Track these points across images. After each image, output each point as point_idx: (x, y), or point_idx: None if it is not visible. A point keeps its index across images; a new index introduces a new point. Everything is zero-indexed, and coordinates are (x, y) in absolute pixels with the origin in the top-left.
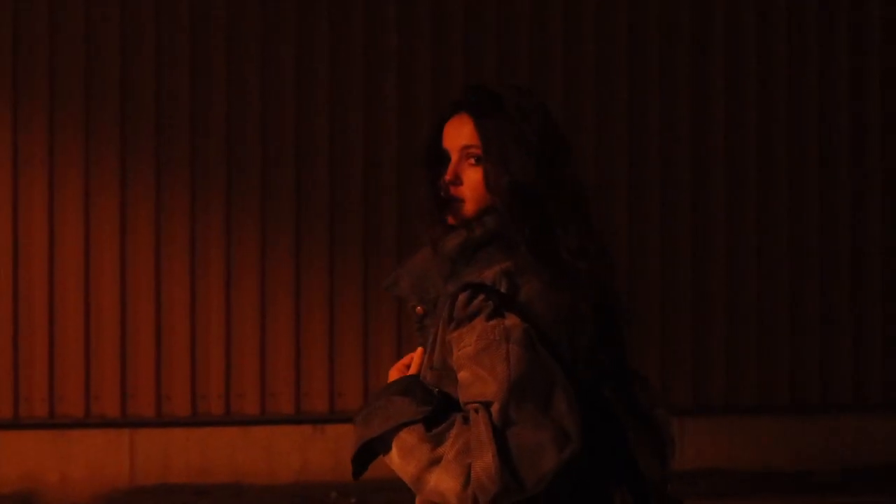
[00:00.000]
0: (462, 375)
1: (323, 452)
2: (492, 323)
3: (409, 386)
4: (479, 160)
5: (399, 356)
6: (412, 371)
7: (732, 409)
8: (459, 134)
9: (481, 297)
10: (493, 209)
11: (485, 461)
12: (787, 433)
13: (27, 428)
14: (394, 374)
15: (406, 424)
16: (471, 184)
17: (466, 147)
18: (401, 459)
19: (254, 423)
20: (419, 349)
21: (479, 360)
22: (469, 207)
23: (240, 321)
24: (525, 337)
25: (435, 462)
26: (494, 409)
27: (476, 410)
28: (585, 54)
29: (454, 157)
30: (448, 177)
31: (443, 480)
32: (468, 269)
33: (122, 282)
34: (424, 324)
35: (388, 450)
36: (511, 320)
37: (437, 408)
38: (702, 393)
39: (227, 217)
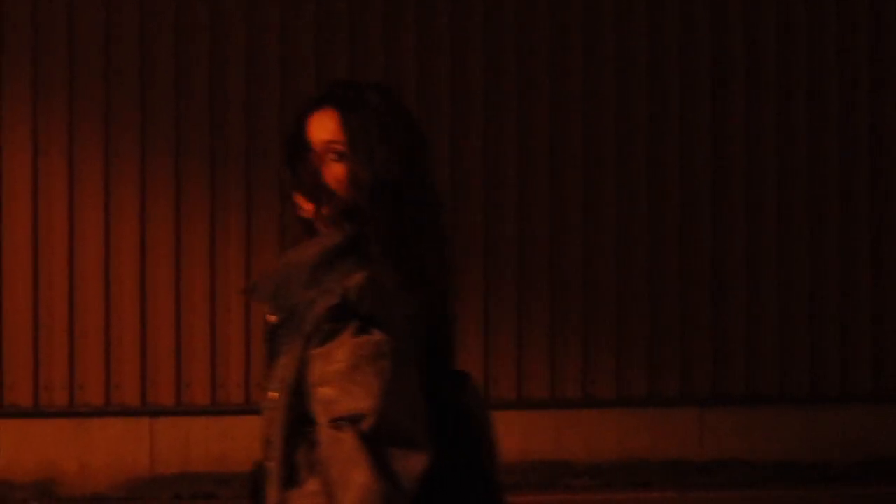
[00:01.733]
0: (326, 391)
1: None
2: (362, 339)
3: None
4: (341, 156)
5: None
6: None
7: (752, 399)
8: (323, 128)
9: (346, 311)
10: (353, 209)
11: (360, 480)
12: (807, 424)
13: (47, 416)
14: None
15: None
16: (331, 179)
17: (330, 142)
18: None
19: None
20: None
21: (350, 377)
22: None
23: (259, 310)
24: (393, 351)
25: None
26: (368, 422)
27: (340, 428)
28: (607, 44)
29: (319, 151)
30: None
31: None
32: (329, 277)
33: (141, 270)
34: (278, 334)
35: None
36: (377, 335)
37: None
38: (721, 384)
39: (246, 205)
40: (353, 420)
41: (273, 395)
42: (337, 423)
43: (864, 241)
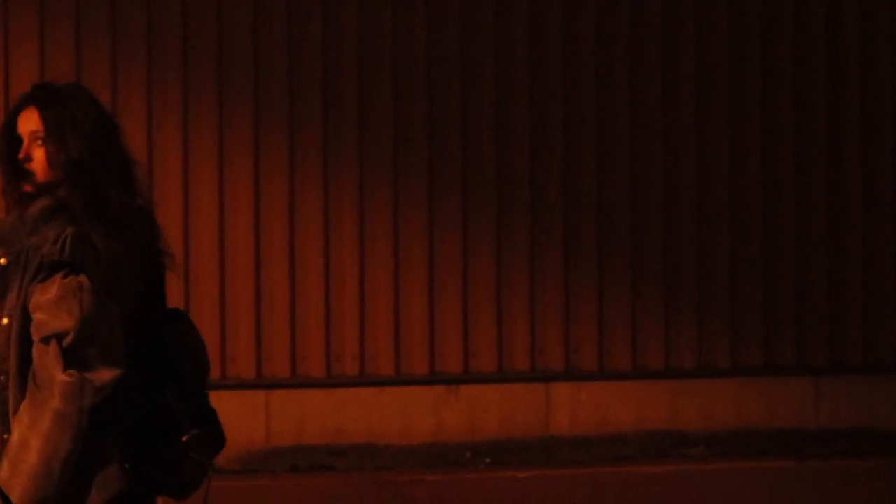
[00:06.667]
0: (40, 316)
1: (457, 413)
2: (69, 279)
3: None
4: (44, 141)
5: (532, 314)
6: None
7: (870, 368)
8: (29, 121)
9: (59, 258)
10: (61, 181)
11: (60, 378)
12: None
13: None
14: None
15: None
16: (39, 160)
17: (34, 132)
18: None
19: (388, 384)
20: None
21: (58, 305)
22: (39, 178)
23: (374, 282)
24: (92, 289)
25: (24, 445)
26: (69, 339)
27: (48, 343)
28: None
29: (26, 140)
30: (21, 155)
31: (43, 434)
32: (47, 227)
33: (256, 246)
34: (6, 273)
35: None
36: (82, 277)
37: None
38: (839, 352)
39: (360, 181)
40: (58, 337)
41: (5, 321)
42: (46, 339)
43: None
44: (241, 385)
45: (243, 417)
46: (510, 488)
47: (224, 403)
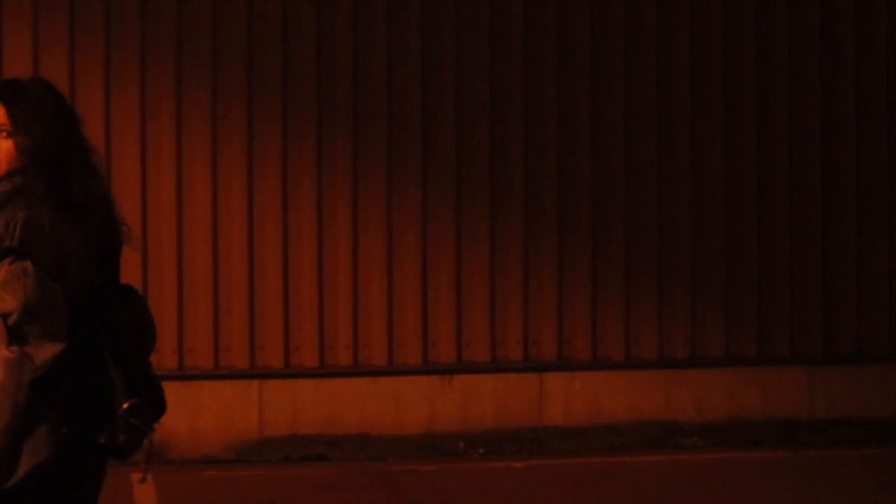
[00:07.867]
0: None
1: (450, 403)
2: (15, 265)
3: None
4: (10, 134)
5: (525, 304)
6: None
7: (864, 357)
8: None
9: (8, 245)
10: (22, 169)
11: (3, 354)
12: None
13: None
14: None
15: None
16: (4, 151)
17: (1, 125)
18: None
19: (381, 374)
20: None
21: (3, 287)
22: (3, 168)
23: (367, 272)
24: (36, 274)
25: None
26: (12, 318)
27: None
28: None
29: None
30: None
31: None
32: (1, 213)
33: (250, 235)
34: None
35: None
36: (27, 263)
37: None
38: (833, 342)
39: (353, 171)
40: (3, 316)
41: None
42: None
43: None
44: (235, 375)
45: (237, 407)
46: (504, 478)
47: (218, 393)
